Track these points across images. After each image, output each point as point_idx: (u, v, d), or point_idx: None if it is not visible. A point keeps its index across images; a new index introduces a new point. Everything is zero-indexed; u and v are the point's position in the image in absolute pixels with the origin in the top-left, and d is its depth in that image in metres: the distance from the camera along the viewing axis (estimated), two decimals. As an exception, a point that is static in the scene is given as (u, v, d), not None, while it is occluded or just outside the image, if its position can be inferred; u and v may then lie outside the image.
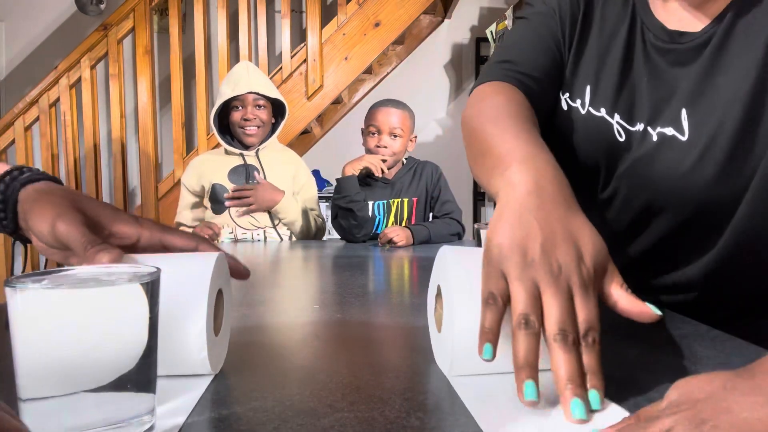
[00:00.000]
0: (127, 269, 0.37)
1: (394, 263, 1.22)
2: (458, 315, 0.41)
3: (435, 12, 3.90)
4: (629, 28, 0.69)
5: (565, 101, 0.72)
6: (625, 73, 0.68)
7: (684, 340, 0.54)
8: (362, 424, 0.35)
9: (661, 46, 0.66)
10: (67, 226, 0.44)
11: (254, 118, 1.86)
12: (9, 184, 0.49)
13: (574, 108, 0.70)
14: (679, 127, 0.63)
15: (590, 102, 0.69)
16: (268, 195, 1.82)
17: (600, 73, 0.69)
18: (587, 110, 0.69)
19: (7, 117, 2.94)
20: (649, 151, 0.65)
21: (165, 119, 3.56)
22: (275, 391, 0.41)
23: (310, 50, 3.03)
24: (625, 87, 0.67)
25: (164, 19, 3.62)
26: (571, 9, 0.72)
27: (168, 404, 0.38)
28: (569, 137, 0.70)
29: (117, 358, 0.32)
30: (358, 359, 0.48)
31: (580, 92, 0.70)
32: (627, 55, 0.68)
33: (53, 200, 0.47)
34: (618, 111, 0.67)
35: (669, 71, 0.66)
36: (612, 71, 0.68)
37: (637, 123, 0.66)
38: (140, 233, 0.48)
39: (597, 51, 0.70)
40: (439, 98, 4.15)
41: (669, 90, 0.65)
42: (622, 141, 0.67)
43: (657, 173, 0.65)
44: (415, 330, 0.59)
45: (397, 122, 1.86)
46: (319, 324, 0.63)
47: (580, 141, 0.70)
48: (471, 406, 0.37)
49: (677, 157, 0.63)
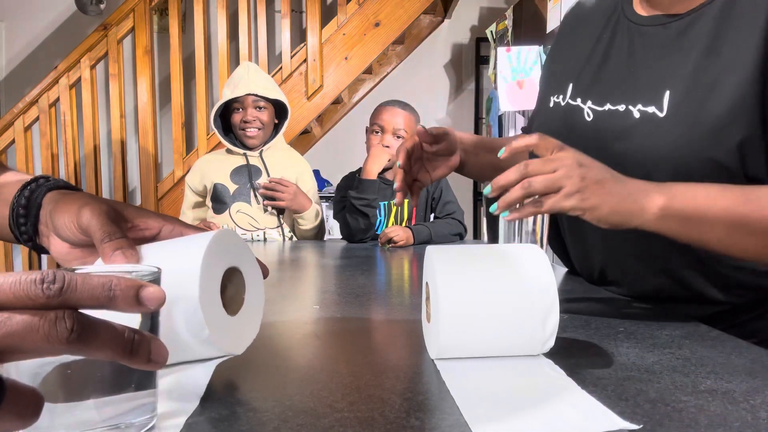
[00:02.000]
0: (128, 269, 0.37)
1: (394, 263, 1.22)
2: (443, 304, 0.45)
3: (435, 12, 3.90)
4: (614, 25, 0.78)
5: (552, 100, 0.83)
6: (607, 66, 0.77)
7: (684, 340, 0.54)
8: (362, 424, 0.35)
9: (646, 31, 0.73)
10: (90, 213, 0.45)
11: (254, 120, 1.86)
12: (34, 189, 0.50)
13: (557, 102, 0.82)
14: (659, 106, 0.68)
15: (570, 95, 0.80)
16: (302, 200, 1.83)
17: (582, 71, 0.80)
18: (567, 102, 0.80)
19: (7, 117, 2.94)
20: (627, 129, 0.70)
21: (165, 119, 3.56)
22: (275, 391, 0.41)
23: (310, 50, 3.02)
24: (601, 78, 0.77)
25: (164, 19, 3.62)
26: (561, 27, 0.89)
27: (169, 404, 0.38)
28: (551, 127, 0.80)
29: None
30: (358, 359, 0.49)
31: (563, 89, 0.81)
32: (608, 51, 0.77)
33: (80, 195, 0.49)
34: (591, 98, 0.77)
35: (654, 56, 0.71)
36: (592, 67, 0.78)
37: (607, 104, 0.74)
38: (162, 226, 0.49)
39: (582, 52, 0.81)
40: (439, 98, 4.15)
41: (657, 73, 0.70)
42: (589, 120, 0.76)
43: (633, 149, 0.69)
44: (415, 330, 0.59)
45: (402, 123, 1.85)
46: (319, 324, 0.63)
47: (559, 128, 0.79)
48: (461, 402, 0.38)
49: (655, 133, 0.67)
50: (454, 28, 4.10)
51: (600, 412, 0.36)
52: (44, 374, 0.31)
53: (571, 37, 0.87)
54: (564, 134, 0.76)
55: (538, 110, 0.92)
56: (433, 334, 0.47)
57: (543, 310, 0.45)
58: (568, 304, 0.71)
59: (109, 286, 0.27)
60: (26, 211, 0.49)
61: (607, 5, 0.82)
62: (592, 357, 0.49)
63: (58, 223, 0.47)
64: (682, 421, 0.35)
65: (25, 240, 0.50)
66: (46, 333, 0.25)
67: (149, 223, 0.49)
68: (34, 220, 0.49)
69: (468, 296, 0.45)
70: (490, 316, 0.45)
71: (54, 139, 2.98)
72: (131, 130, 3.49)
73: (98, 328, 0.27)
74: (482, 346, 0.46)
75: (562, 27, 0.92)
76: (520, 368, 0.45)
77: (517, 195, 0.58)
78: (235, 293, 0.45)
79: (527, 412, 0.36)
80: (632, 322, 0.61)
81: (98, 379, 0.32)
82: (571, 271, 0.93)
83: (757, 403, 0.38)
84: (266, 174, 1.87)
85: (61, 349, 0.26)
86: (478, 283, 0.45)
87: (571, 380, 0.42)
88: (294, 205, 1.82)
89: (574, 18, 0.89)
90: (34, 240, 0.50)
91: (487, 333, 0.45)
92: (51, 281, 0.26)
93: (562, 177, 0.57)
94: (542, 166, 0.57)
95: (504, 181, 0.58)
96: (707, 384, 0.42)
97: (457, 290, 0.45)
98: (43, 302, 0.26)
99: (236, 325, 0.44)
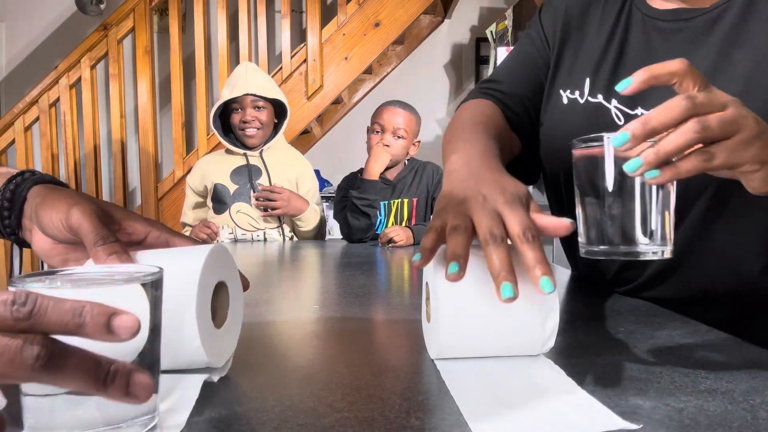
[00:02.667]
0: (129, 269, 0.37)
1: (394, 263, 1.22)
2: (443, 304, 0.45)
3: (435, 12, 3.90)
4: (627, 18, 0.74)
5: (566, 96, 0.77)
6: (623, 62, 0.72)
7: (684, 340, 0.54)
8: (362, 424, 0.35)
9: (665, 26, 0.69)
10: (81, 214, 0.44)
11: (253, 120, 1.86)
12: (20, 183, 0.49)
13: (573, 99, 0.76)
14: None
15: (589, 92, 0.74)
16: (297, 203, 1.83)
17: (599, 66, 0.75)
18: (586, 99, 0.74)
19: (7, 117, 2.94)
20: None
21: (165, 119, 3.56)
22: (275, 391, 0.41)
23: (310, 50, 3.02)
24: (621, 76, 0.70)
25: (164, 19, 3.62)
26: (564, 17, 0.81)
27: (169, 404, 0.38)
28: (572, 127, 0.74)
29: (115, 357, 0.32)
30: (358, 359, 0.49)
31: (579, 84, 0.76)
32: (623, 46, 0.73)
33: (68, 193, 0.48)
34: (615, 96, 0.71)
35: (676, 51, 0.67)
36: (609, 62, 0.74)
37: (638, 107, 0.68)
38: (149, 231, 0.48)
39: (597, 45, 0.76)
40: (439, 98, 4.15)
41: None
42: (620, 124, 0.70)
43: None
44: (416, 330, 0.59)
45: (402, 123, 1.86)
46: (319, 324, 0.63)
47: (581, 128, 0.73)
48: (461, 402, 0.38)
49: None
50: (454, 28, 4.10)
51: (600, 412, 0.36)
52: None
53: (577, 26, 0.80)
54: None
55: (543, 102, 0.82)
56: (433, 334, 0.47)
57: (543, 310, 0.45)
58: (569, 305, 0.71)
59: (80, 312, 0.26)
60: (11, 204, 0.49)
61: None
62: (592, 357, 0.49)
63: (44, 220, 0.46)
64: (681, 421, 0.35)
65: (8, 233, 0.50)
66: (11, 358, 0.24)
67: (136, 227, 0.48)
68: (18, 213, 0.49)
69: (468, 296, 0.45)
70: (489, 316, 0.44)
71: (54, 139, 2.98)
72: (131, 130, 3.48)
73: (69, 357, 0.25)
74: (482, 346, 0.46)
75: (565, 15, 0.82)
76: (520, 368, 0.45)
77: (687, 140, 0.40)
78: (219, 307, 0.46)
79: (527, 412, 0.36)
80: (632, 322, 0.61)
81: (98, 379, 0.32)
82: (574, 272, 0.92)
83: (757, 403, 0.38)
84: (266, 174, 1.87)
85: (27, 376, 0.25)
86: (478, 283, 0.45)
87: (571, 380, 0.42)
88: (290, 209, 1.82)
89: (578, 7, 0.81)
90: (17, 233, 0.50)
91: (487, 333, 0.45)
92: (21, 303, 0.25)
93: (737, 117, 0.42)
94: (710, 99, 0.41)
95: (661, 120, 0.40)
96: (707, 384, 0.42)
97: (457, 290, 0.44)
98: (11, 325, 0.25)
99: (220, 337, 0.45)
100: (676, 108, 0.41)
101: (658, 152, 0.41)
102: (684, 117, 0.41)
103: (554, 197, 0.84)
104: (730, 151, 0.42)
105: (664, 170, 0.41)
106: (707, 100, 0.41)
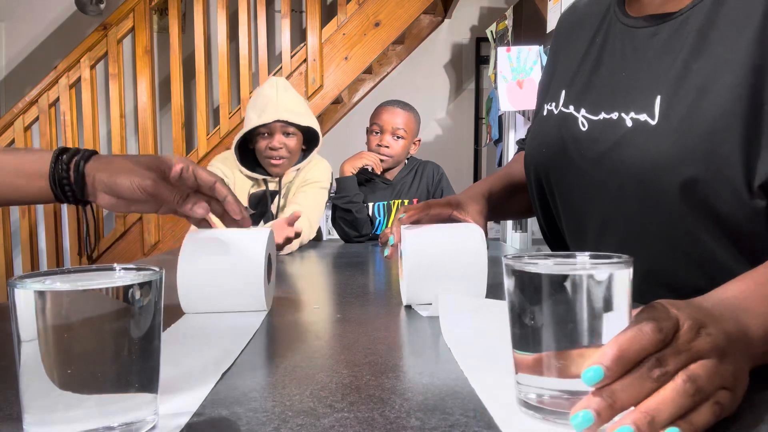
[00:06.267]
0: (130, 269, 0.37)
1: (394, 263, 1.22)
2: (407, 253, 0.68)
3: (435, 12, 3.90)
4: (607, 28, 0.75)
5: (546, 108, 0.80)
6: (599, 72, 0.74)
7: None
8: (362, 424, 0.35)
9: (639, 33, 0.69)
10: (153, 182, 0.63)
11: (281, 147, 1.64)
12: (68, 160, 0.64)
13: (550, 110, 0.79)
14: (651, 113, 0.64)
15: (563, 102, 0.77)
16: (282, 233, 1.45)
17: (575, 78, 0.77)
18: (560, 109, 0.77)
19: (7, 117, 2.94)
20: (620, 138, 0.67)
21: (165, 119, 3.56)
22: (275, 391, 0.41)
23: (310, 50, 3.03)
24: (594, 84, 0.74)
25: (164, 19, 3.62)
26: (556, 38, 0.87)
27: (170, 404, 0.38)
28: (545, 138, 0.78)
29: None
30: (358, 359, 0.49)
31: (556, 97, 0.78)
32: (600, 56, 0.74)
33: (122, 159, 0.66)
34: (584, 106, 0.73)
35: (646, 59, 0.68)
36: (585, 72, 0.75)
37: (602, 113, 0.70)
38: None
39: (575, 57, 0.78)
40: (439, 98, 4.15)
41: (649, 78, 0.66)
42: (584, 130, 0.72)
43: (628, 158, 0.66)
44: (415, 330, 0.59)
45: (401, 123, 1.85)
46: (319, 324, 0.63)
47: (553, 138, 0.77)
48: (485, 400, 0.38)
49: (648, 142, 0.63)
50: (454, 27, 4.10)
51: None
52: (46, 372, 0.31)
53: (565, 41, 0.84)
54: (560, 145, 0.75)
55: (533, 119, 0.89)
56: (404, 285, 0.69)
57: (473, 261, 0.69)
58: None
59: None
60: (68, 175, 0.64)
61: (600, 7, 0.78)
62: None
63: (120, 185, 0.63)
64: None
65: (68, 198, 0.65)
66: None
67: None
68: (81, 183, 0.64)
69: (427, 249, 0.68)
70: (443, 263, 0.68)
71: (54, 139, 2.98)
72: (131, 130, 3.49)
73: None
74: (438, 288, 0.67)
75: (556, 31, 0.89)
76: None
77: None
78: (267, 269, 0.68)
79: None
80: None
81: (100, 379, 0.32)
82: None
83: (756, 403, 0.38)
84: (279, 198, 1.71)
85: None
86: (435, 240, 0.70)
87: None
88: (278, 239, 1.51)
89: (567, 22, 0.86)
90: (77, 198, 0.65)
91: (440, 276, 0.68)
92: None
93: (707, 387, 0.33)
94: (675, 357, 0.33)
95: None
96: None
97: (419, 243, 0.69)
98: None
99: (268, 289, 0.69)
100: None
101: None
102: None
103: (542, 211, 0.85)
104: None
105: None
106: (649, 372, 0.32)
